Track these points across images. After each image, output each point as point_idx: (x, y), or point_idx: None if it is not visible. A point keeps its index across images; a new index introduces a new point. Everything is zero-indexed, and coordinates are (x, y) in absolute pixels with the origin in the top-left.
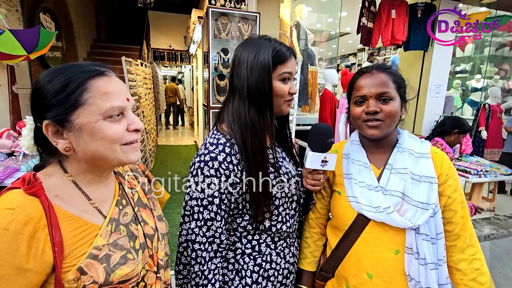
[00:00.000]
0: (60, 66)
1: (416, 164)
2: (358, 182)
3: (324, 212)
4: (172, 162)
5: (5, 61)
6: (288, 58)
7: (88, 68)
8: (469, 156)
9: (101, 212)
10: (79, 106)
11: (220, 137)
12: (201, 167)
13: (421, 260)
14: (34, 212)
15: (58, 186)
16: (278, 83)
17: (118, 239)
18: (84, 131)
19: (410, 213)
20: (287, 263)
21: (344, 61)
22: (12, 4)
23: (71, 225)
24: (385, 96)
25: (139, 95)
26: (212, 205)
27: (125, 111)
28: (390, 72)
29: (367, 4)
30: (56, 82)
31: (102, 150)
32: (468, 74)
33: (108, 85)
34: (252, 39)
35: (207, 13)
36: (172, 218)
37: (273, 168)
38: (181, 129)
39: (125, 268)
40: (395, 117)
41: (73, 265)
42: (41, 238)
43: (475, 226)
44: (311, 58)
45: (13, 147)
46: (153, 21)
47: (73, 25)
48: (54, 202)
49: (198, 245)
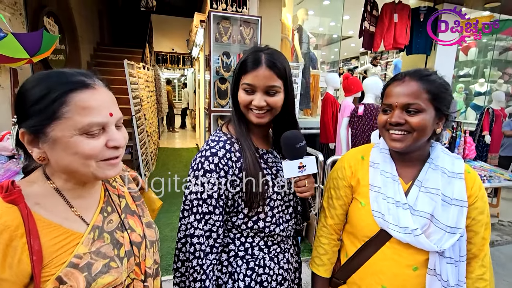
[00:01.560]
0: (46, 72)
1: (448, 185)
2: (387, 197)
3: (343, 218)
4: (173, 165)
5: (8, 64)
6: (250, 69)
7: (72, 78)
8: (472, 161)
9: (83, 219)
10: (55, 119)
11: (221, 135)
12: (202, 162)
13: (443, 282)
14: (11, 220)
15: (40, 194)
16: (241, 92)
17: (101, 247)
18: (58, 144)
19: (437, 236)
20: (281, 269)
21: (346, 64)
22: (16, 8)
23: (52, 233)
24: (412, 108)
25: (141, 98)
26: (211, 199)
27: (107, 126)
28: (426, 80)
29: (369, 8)
30: (37, 90)
31: (75, 165)
32: (472, 78)
33: (89, 99)
34: (252, 47)
35: (208, 17)
36: (171, 221)
37: (270, 170)
38: (182, 131)
39: (107, 277)
40: (424, 131)
41: (52, 274)
42: (18, 246)
43: None
44: (313, 61)
45: (14, 150)
46: (156, 25)
47: (76, 28)
48: (34, 209)
49: (196, 238)
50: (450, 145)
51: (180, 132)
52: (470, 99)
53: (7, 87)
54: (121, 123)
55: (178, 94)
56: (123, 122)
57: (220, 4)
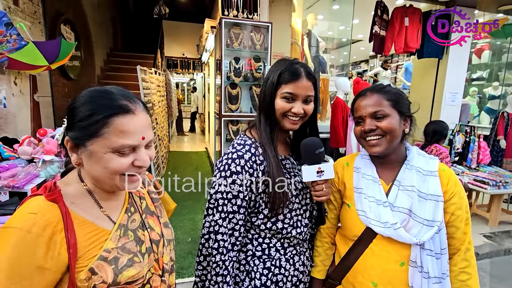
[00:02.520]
0: (97, 91)
1: (423, 182)
2: (368, 196)
3: (335, 222)
4: (184, 168)
5: (28, 71)
6: (291, 79)
7: (117, 102)
8: (487, 166)
9: (111, 218)
10: (95, 137)
11: (246, 139)
12: (229, 163)
13: (424, 273)
14: (53, 217)
15: (74, 194)
16: (279, 100)
17: (126, 243)
18: (93, 156)
19: (415, 229)
20: (296, 271)
21: (356, 68)
22: (36, 17)
23: (85, 229)
24: (379, 114)
25: (153, 102)
26: (236, 199)
27: (137, 148)
28: (384, 91)
29: (379, 12)
30: (84, 109)
31: (102, 176)
32: (485, 81)
33: (127, 124)
34: (280, 60)
35: (220, 24)
36: (183, 225)
37: (289, 175)
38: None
39: (131, 270)
40: (394, 132)
41: (85, 266)
42: (57, 240)
43: (494, 239)
44: (322, 65)
45: (33, 154)
46: (167, 30)
47: (91, 35)
48: (71, 208)
49: (220, 235)
50: (464, 150)
51: (190, 136)
52: (484, 103)
53: (27, 93)
54: (152, 143)
55: (187, 98)
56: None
57: (231, 11)
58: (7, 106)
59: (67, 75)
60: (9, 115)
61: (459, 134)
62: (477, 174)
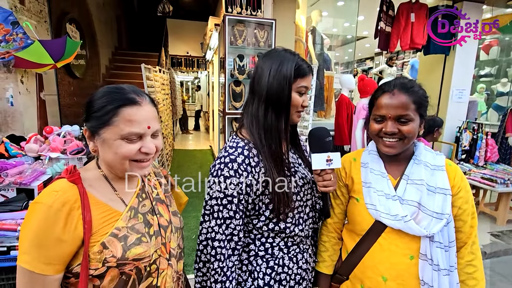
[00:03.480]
0: (111, 87)
1: (431, 176)
2: (377, 190)
3: (342, 217)
4: (188, 166)
5: (34, 69)
6: (308, 73)
7: (126, 96)
8: (495, 164)
9: (123, 201)
10: (107, 125)
11: (239, 141)
12: (221, 168)
13: (434, 266)
14: (71, 195)
15: (93, 178)
16: (295, 94)
17: (136, 224)
18: (106, 143)
19: (425, 222)
20: (299, 269)
21: (361, 65)
22: (42, 16)
23: (99, 209)
24: (404, 119)
25: (157, 100)
26: (231, 204)
27: (144, 136)
28: (412, 92)
29: (385, 8)
30: (100, 101)
31: (113, 161)
32: (493, 78)
33: (134, 114)
34: (278, 50)
35: (223, 21)
36: (187, 222)
37: (289, 171)
38: (195, 133)
39: (138, 248)
40: (414, 137)
41: (98, 241)
42: (75, 216)
43: (502, 238)
44: (327, 62)
45: (39, 151)
46: (171, 29)
47: (96, 33)
48: (88, 190)
49: (217, 242)
50: (471, 147)
51: (194, 134)
52: (492, 100)
53: (33, 91)
54: (158, 134)
55: (192, 96)
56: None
57: (235, 8)
58: (14, 104)
59: (73, 73)
60: (16, 113)
61: (466, 132)
62: (484, 172)
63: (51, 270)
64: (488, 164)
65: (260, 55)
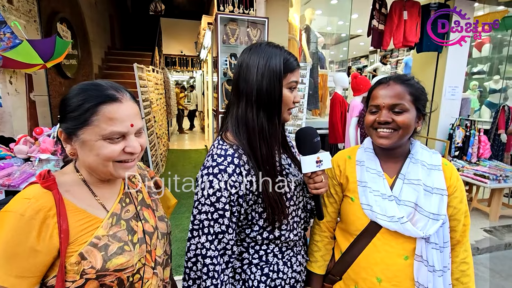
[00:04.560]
0: (86, 84)
1: (428, 176)
2: (373, 190)
3: (335, 216)
4: (182, 166)
5: (23, 69)
6: (296, 67)
7: (104, 92)
8: (487, 161)
9: (104, 207)
10: (86, 125)
11: (227, 148)
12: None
13: (430, 267)
14: (46, 202)
15: (70, 183)
16: (286, 91)
17: (118, 232)
18: (86, 145)
19: (421, 223)
20: (294, 272)
21: (355, 63)
22: (31, 15)
23: (77, 216)
24: (398, 108)
25: (151, 100)
26: (223, 218)
27: (127, 135)
28: (408, 84)
29: (377, 6)
30: (76, 100)
31: (95, 164)
32: (486, 75)
33: (115, 111)
34: (262, 45)
35: (216, 19)
36: (181, 223)
37: (281, 175)
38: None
39: (121, 258)
40: (408, 129)
41: (76, 251)
42: (50, 224)
43: (495, 234)
44: (321, 61)
45: (29, 153)
46: (165, 28)
47: (88, 33)
48: (65, 196)
49: (209, 259)
50: (464, 144)
51: (189, 134)
52: (485, 97)
53: (23, 91)
54: (142, 131)
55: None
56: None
57: (227, 6)
58: (2, 105)
59: (64, 73)
60: (5, 114)
61: (459, 129)
62: (477, 168)
63: (25, 284)
64: (480, 160)
65: (243, 51)
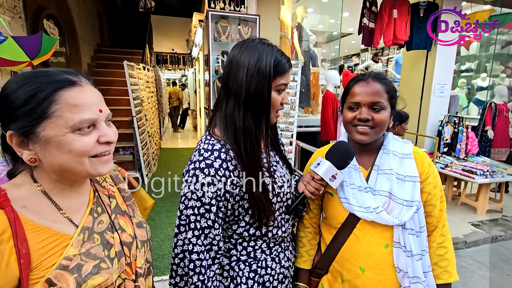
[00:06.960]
0: (29, 73)
1: (400, 165)
2: (349, 184)
3: (318, 212)
4: (175, 164)
5: (9, 67)
6: (288, 69)
7: (58, 77)
8: (475, 156)
9: (72, 221)
10: (45, 119)
11: (214, 143)
12: (197, 175)
13: (408, 252)
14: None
15: (26, 197)
16: (274, 93)
17: (91, 248)
18: (51, 144)
19: (396, 211)
20: (282, 268)
21: (347, 61)
22: (16, 11)
23: (39, 236)
24: (377, 106)
25: (142, 98)
26: (209, 213)
27: (97, 123)
28: (385, 82)
29: (368, 5)
30: (23, 92)
31: (69, 164)
32: (474, 72)
33: (78, 96)
34: (254, 41)
35: (207, 16)
36: (173, 221)
37: (268, 172)
38: (183, 131)
39: (98, 278)
40: (385, 126)
41: (42, 277)
42: (5, 250)
43: (482, 227)
44: (313, 59)
45: None
46: (155, 25)
47: (76, 30)
48: (21, 213)
49: (196, 255)
50: (452, 140)
51: (182, 132)
52: (473, 94)
53: None
54: (110, 120)
55: None
56: (124, 123)
57: (218, 3)
58: None
59: None
60: None
61: (448, 125)
62: (465, 164)
63: None
64: (468, 156)
65: (235, 46)
